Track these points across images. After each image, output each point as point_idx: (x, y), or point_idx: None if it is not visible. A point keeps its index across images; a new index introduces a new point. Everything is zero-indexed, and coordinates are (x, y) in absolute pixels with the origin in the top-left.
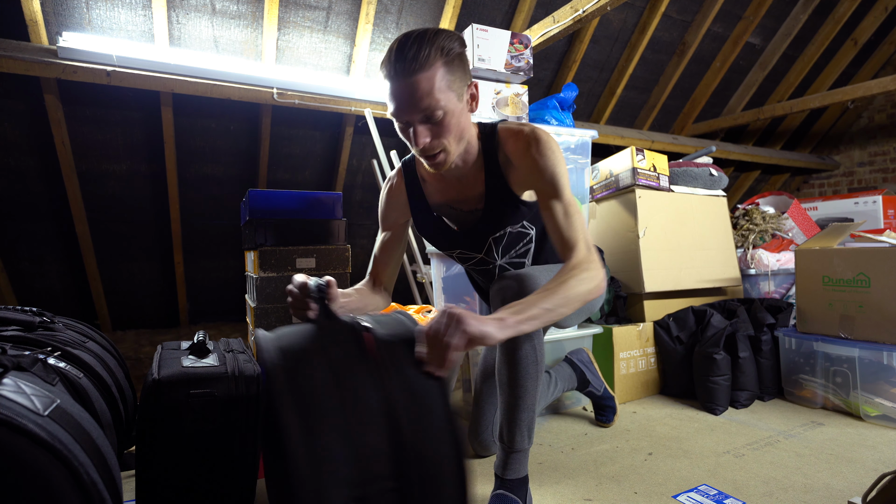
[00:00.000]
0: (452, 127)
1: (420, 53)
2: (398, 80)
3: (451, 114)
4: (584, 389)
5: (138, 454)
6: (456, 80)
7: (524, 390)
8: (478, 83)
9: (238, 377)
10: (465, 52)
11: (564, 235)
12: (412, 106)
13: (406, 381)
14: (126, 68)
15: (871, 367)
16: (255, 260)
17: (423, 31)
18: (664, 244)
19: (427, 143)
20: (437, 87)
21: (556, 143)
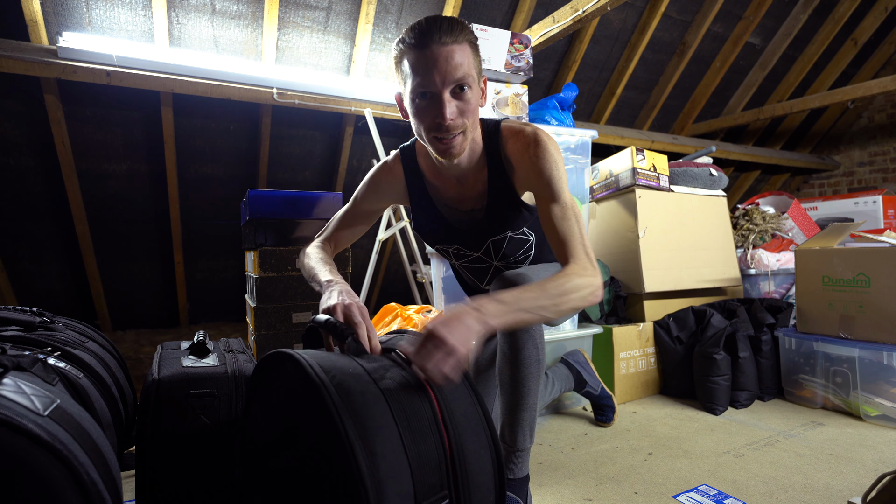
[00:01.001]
0: (474, 108)
1: (454, 29)
2: (432, 47)
3: (476, 95)
4: (581, 390)
5: (138, 454)
6: (478, 64)
7: (527, 390)
8: (486, 78)
9: (238, 377)
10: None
11: (562, 239)
12: (448, 74)
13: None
14: (126, 68)
15: (871, 367)
16: (255, 260)
17: (451, 17)
18: (664, 244)
19: (454, 114)
20: (469, 61)
21: (557, 146)
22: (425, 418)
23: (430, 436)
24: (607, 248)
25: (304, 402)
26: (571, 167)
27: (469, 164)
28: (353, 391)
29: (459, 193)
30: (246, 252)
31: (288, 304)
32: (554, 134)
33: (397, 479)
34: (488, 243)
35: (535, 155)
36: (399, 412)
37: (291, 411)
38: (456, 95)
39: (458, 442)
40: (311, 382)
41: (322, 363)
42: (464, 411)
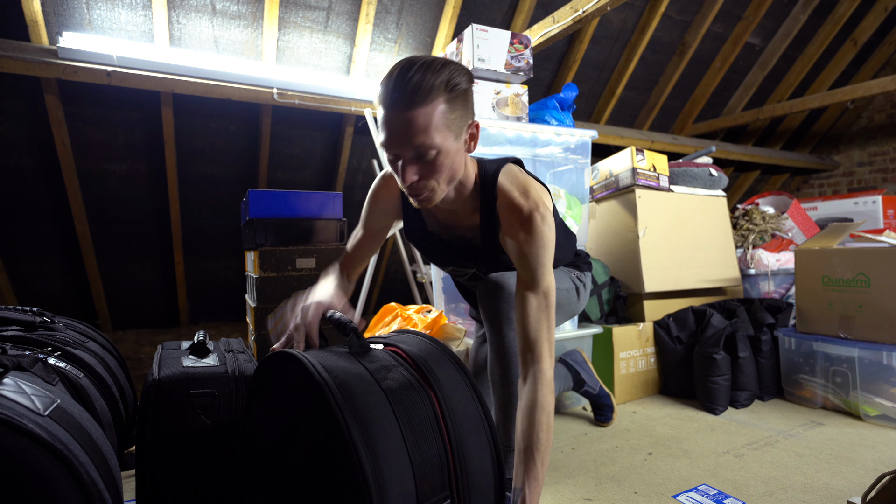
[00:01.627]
0: (444, 167)
1: (422, 85)
2: (394, 110)
3: (446, 154)
4: (579, 389)
5: (138, 454)
6: (457, 118)
7: (517, 388)
8: (478, 123)
9: (238, 377)
10: (471, 89)
11: (530, 334)
12: (405, 141)
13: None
14: (126, 68)
15: (870, 367)
16: (255, 260)
17: (430, 60)
18: (664, 244)
19: (414, 181)
20: (434, 125)
21: (551, 226)
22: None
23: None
24: (607, 248)
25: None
26: (571, 167)
27: (458, 203)
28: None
29: (451, 220)
30: (246, 252)
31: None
32: (554, 134)
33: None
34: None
35: (526, 240)
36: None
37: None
38: (419, 159)
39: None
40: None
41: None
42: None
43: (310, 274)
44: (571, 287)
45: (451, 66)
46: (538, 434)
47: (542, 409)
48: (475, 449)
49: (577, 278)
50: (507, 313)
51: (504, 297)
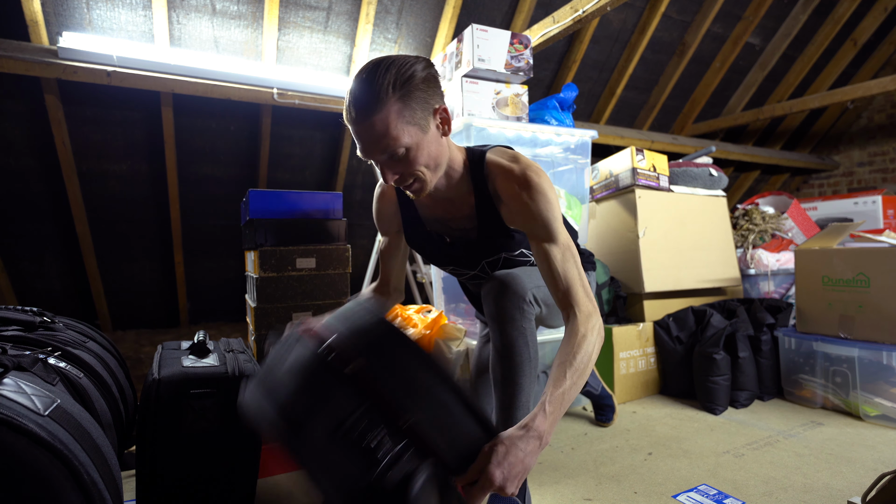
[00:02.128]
0: (420, 159)
1: (371, 94)
2: (355, 123)
3: (416, 147)
4: (581, 389)
5: (138, 454)
6: (416, 110)
7: (519, 387)
8: (446, 107)
9: (238, 377)
10: (429, 75)
11: (562, 284)
12: (373, 147)
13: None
14: (126, 68)
15: (870, 367)
16: (255, 260)
17: (375, 66)
18: (664, 244)
19: (396, 178)
20: (392, 126)
21: (549, 181)
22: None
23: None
24: (607, 248)
25: None
26: (571, 167)
27: (452, 190)
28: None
29: (448, 212)
30: (246, 252)
31: (288, 304)
32: (554, 134)
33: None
34: (483, 264)
35: (529, 198)
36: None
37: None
38: (391, 159)
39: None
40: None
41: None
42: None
43: (310, 274)
44: None
45: (395, 65)
46: (575, 354)
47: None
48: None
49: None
50: (510, 312)
51: (508, 296)
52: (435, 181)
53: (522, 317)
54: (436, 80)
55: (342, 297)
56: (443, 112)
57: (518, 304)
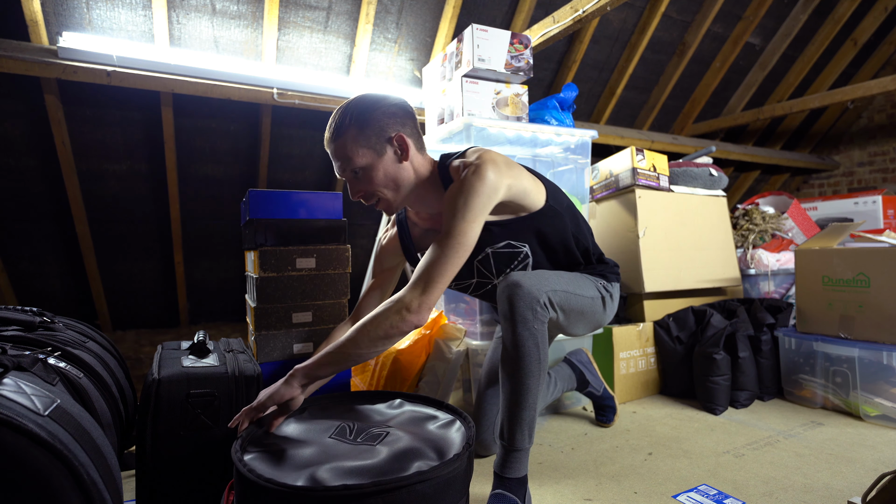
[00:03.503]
0: (377, 178)
1: (334, 126)
2: (327, 147)
3: (372, 168)
4: (583, 390)
5: (138, 454)
6: (371, 136)
7: (526, 388)
8: (402, 135)
9: (238, 377)
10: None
11: (419, 268)
12: (339, 167)
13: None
14: (126, 68)
15: (870, 367)
16: (255, 260)
17: (348, 103)
18: (664, 244)
19: (360, 193)
20: (349, 149)
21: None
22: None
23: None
24: (607, 248)
25: None
26: (571, 167)
27: (429, 204)
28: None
29: (436, 225)
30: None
31: (288, 304)
32: (554, 134)
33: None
34: (475, 265)
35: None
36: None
37: None
38: (356, 177)
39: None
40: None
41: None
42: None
43: (310, 274)
44: (597, 296)
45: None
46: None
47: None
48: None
49: (603, 288)
50: (522, 313)
51: (521, 297)
52: (400, 199)
53: (535, 318)
54: (401, 114)
55: (342, 297)
56: (399, 139)
57: (531, 305)
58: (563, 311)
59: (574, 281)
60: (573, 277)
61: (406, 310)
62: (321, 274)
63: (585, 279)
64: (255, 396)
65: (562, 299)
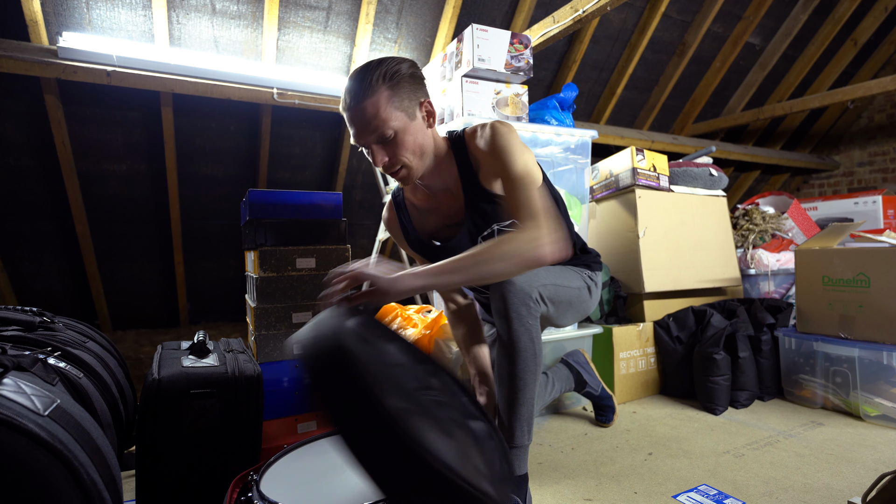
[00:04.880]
0: (408, 143)
1: (363, 83)
2: (350, 109)
3: (403, 131)
4: (581, 390)
5: (138, 454)
6: (404, 99)
7: (524, 383)
8: (431, 101)
9: (238, 377)
10: (415, 73)
11: (514, 208)
12: (364, 130)
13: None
14: (126, 68)
15: (870, 367)
16: (255, 260)
17: (368, 62)
18: (664, 244)
19: (386, 161)
20: (382, 109)
21: (511, 129)
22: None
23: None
24: (607, 248)
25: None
26: (571, 167)
27: (443, 177)
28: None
29: (443, 208)
30: (246, 252)
31: (288, 304)
32: (554, 134)
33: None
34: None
35: (490, 142)
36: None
37: None
38: (381, 143)
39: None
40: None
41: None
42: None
43: (310, 274)
44: (583, 286)
45: (387, 61)
46: (489, 246)
47: (504, 241)
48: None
49: (588, 278)
50: (516, 309)
51: (514, 293)
52: (422, 169)
53: (528, 313)
54: (421, 78)
55: None
56: (428, 105)
57: (524, 301)
58: (552, 303)
59: (561, 273)
60: (559, 270)
61: (541, 241)
62: (321, 274)
63: (570, 270)
64: (255, 397)
65: (551, 293)
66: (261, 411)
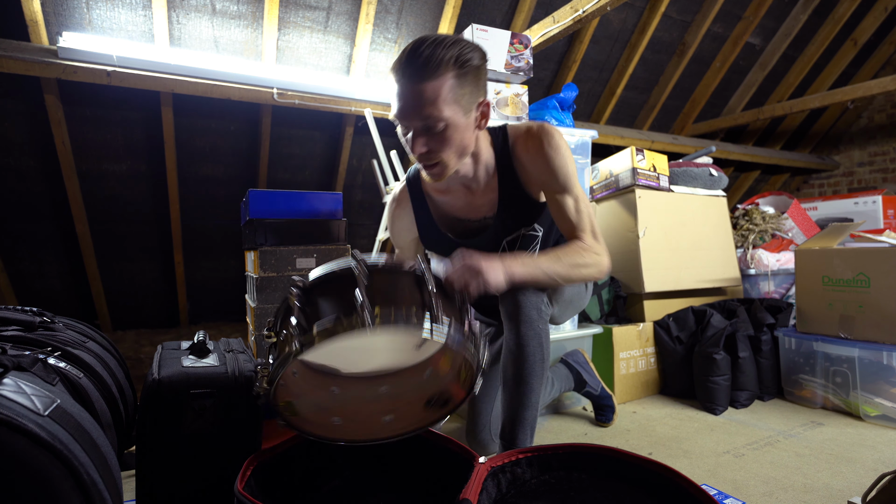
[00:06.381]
0: (454, 141)
1: (431, 60)
2: (405, 83)
3: (454, 128)
4: (581, 390)
5: (138, 454)
6: (466, 93)
7: (530, 388)
8: (489, 102)
9: (238, 377)
10: (483, 67)
11: (574, 225)
12: (414, 112)
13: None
14: (126, 68)
15: (870, 367)
16: (255, 260)
17: (444, 37)
18: (664, 244)
19: (423, 152)
20: (442, 98)
21: (563, 137)
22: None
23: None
24: (608, 249)
25: None
26: None
27: (476, 172)
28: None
29: (470, 203)
30: (246, 252)
31: None
32: None
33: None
34: (504, 244)
35: (550, 149)
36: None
37: None
38: (427, 132)
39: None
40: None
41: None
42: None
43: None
44: (581, 285)
45: (462, 43)
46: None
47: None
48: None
49: None
50: (527, 312)
51: (527, 295)
52: (454, 168)
53: (539, 317)
54: (486, 75)
55: None
56: (485, 106)
57: (536, 305)
58: (557, 304)
59: None
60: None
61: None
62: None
63: None
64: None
65: (557, 293)
66: (261, 411)
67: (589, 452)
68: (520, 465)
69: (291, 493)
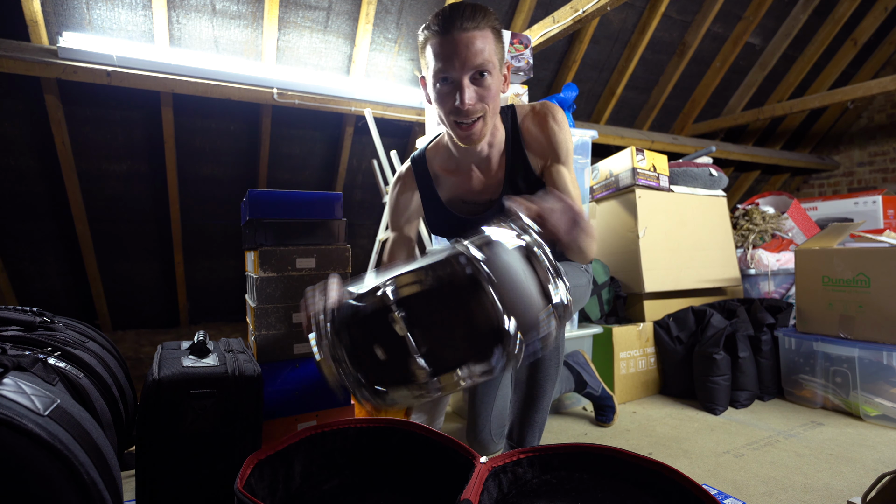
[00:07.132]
0: (494, 92)
1: (476, 15)
2: (452, 33)
3: (496, 80)
4: (581, 391)
5: (138, 454)
6: (499, 52)
7: (542, 391)
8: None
9: (238, 377)
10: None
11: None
12: (467, 60)
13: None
14: (126, 68)
15: (870, 367)
16: (255, 260)
17: (474, 2)
18: (664, 244)
19: (473, 100)
20: (489, 48)
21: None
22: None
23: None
24: (607, 248)
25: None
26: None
27: (490, 150)
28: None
29: (479, 183)
30: (246, 252)
31: (288, 304)
32: None
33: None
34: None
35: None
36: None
37: None
38: (475, 81)
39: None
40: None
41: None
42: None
43: (310, 274)
44: (586, 282)
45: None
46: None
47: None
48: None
49: (585, 271)
50: None
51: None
52: (489, 128)
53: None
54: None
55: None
56: (507, 69)
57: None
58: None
59: (570, 273)
60: (570, 269)
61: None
62: (321, 274)
63: (574, 267)
64: (255, 397)
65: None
66: (261, 411)
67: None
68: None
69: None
